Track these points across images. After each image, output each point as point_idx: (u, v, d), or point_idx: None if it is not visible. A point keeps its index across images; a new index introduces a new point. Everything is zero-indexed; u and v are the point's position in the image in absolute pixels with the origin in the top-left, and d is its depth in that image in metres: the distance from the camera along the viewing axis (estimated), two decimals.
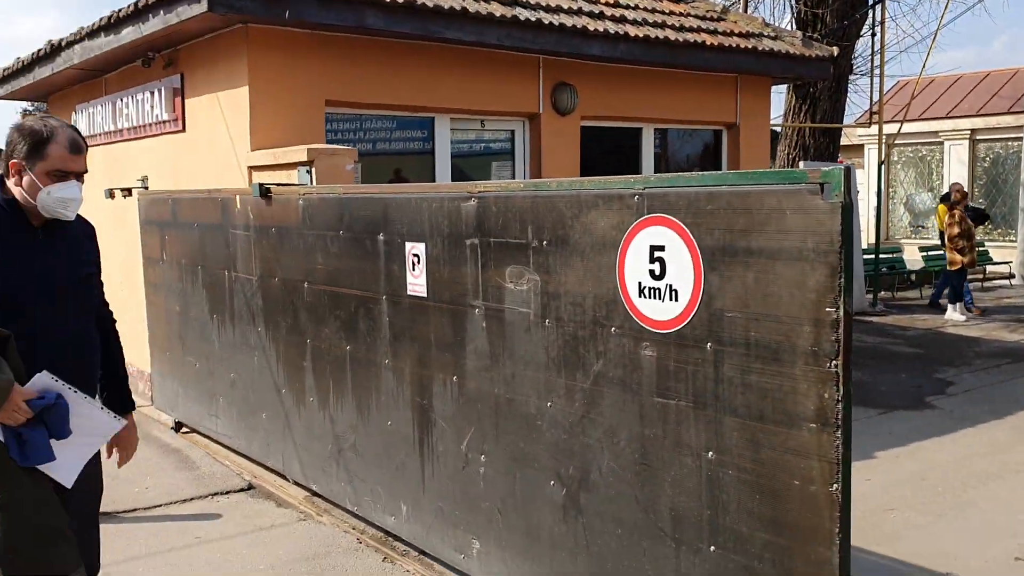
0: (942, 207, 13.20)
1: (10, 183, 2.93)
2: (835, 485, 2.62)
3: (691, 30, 9.07)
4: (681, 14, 9.45)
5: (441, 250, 4.07)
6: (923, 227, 20.07)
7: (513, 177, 8.45)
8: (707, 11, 9.95)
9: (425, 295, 4.21)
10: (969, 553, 4.75)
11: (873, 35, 14.34)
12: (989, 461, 6.33)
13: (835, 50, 10.20)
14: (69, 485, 2.86)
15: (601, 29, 8.08)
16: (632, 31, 8.32)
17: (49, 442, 2.75)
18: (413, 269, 4.24)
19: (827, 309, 2.59)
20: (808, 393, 2.67)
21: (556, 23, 7.77)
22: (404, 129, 8.01)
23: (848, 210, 2.53)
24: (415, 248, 4.22)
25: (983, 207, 15.73)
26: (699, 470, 3.01)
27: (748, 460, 2.86)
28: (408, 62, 7.55)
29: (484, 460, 3.97)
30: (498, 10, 7.46)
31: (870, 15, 14.50)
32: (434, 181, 7.89)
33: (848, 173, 2.55)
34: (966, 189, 15.06)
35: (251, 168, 6.75)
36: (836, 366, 2.60)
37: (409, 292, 4.30)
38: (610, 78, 8.78)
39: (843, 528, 2.63)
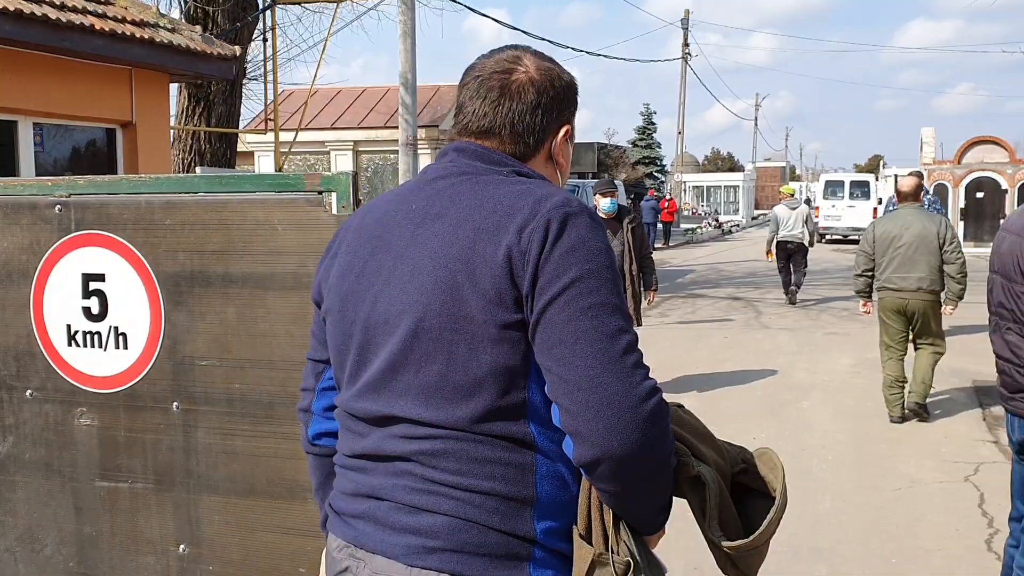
0: None
1: (539, 163, 1.62)
2: None
3: (75, 11, 7.81)
4: None
5: None
6: None
7: None
8: None
9: None
10: None
11: (265, 40, 14.23)
12: None
13: (237, 49, 9.76)
14: None
15: None
16: (1, 2, 6.84)
17: None
18: None
19: None
20: None
21: None
22: None
23: None
24: None
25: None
26: (168, 571, 2.27)
27: (236, 549, 2.21)
28: None
29: None
30: None
31: (261, 20, 14.37)
32: None
33: (356, 179, 2.05)
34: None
35: None
36: None
37: None
38: None
39: None
